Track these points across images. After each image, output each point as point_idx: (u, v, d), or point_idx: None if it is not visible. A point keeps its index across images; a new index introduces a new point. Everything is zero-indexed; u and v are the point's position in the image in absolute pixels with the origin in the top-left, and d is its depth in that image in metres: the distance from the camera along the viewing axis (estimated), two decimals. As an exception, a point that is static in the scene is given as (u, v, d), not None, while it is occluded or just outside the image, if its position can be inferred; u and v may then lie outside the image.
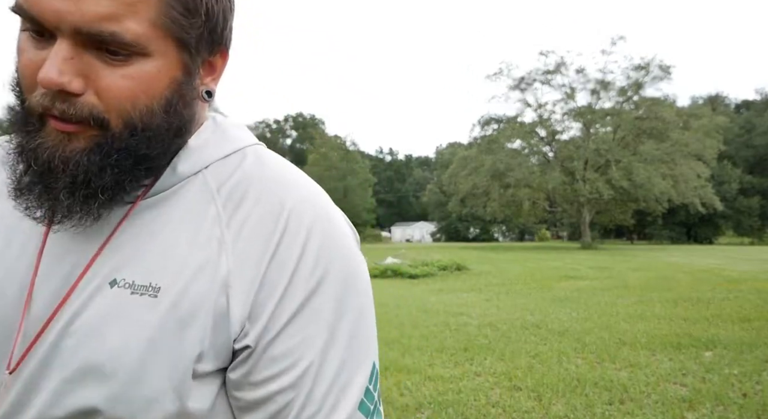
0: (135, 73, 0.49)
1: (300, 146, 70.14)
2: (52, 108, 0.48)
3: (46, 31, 0.48)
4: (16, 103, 0.51)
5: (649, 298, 8.19)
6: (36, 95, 0.48)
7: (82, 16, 0.45)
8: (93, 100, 0.49)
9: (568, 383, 4.00)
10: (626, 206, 32.20)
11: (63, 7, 0.45)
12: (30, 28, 0.49)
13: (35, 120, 0.50)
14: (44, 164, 0.49)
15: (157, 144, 0.52)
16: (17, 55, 0.51)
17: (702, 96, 56.17)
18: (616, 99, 31.79)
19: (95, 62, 0.48)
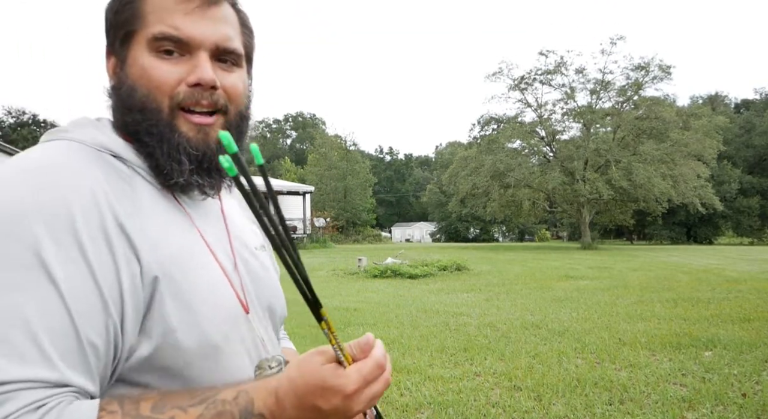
0: (238, 77, 0.72)
1: (300, 146, 70.13)
2: (200, 99, 0.67)
3: (182, 49, 0.67)
4: (147, 109, 0.66)
5: (649, 298, 8.19)
6: (177, 94, 0.66)
7: (220, 36, 0.69)
8: (222, 94, 0.70)
9: (568, 383, 4.00)
10: (626, 206, 32.17)
11: (208, 31, 0.68)
12: (162, 49, 0.66)
13: (170, 119, 0.67)
14: (201, 150, 0.68)
15: (246, 125, 0.75)
16: (143, 72, 0.66)
17: (702, 96, 56.20)
18: (616, 99, 31.78)
19: (216, 69, 0.69)
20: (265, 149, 69.79)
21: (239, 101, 0.72)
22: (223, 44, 0.69)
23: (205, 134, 0.68)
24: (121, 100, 0.68)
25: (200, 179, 0.69)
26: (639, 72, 30.75)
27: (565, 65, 31.98)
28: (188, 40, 0.66)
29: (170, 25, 0.66)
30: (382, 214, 73.34)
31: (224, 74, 0.70)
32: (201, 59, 0.67)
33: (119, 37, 0.69)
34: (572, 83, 32.18)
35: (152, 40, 0.66)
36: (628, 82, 31.09)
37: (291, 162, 55.39)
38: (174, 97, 0.66)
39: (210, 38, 0.68)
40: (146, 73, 0.66)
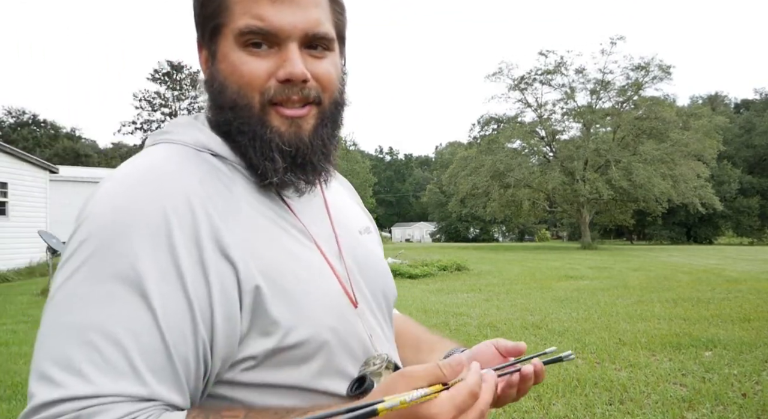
0: (331, 62, 0.68)
1: (300, 146, 70.07)
2: (291, 95, 0.65)
3: (270, 41, 0.64)
4: (239, 105, 0.65)
5: (649, 298, 8.19)
6: (268, 90, 0.64)
7: (308, 22, 0.64)
8: (314, 84, 0.66)
9: (568, 383, 4.00)
10: (626, 206, 32.17)
11: (296, 19, 0.64)
12: (250, 42, 0.64)
13: (262, 115, 0.65)
14: (294, 145, 0.66)
15: (342, 112, 0.72)
16: (234, 68, 0.65)
17: (702, 96, 56.21)
18: (616, 99, 31.77)
19: (307, 57, 0.66)
20: (265, 149, 69.62)
21: (332, 88, 0.68)
22: (312, 31, 0.65)
23: (297, 128, 0.66)
24: (213, 98, 0.68)
25: (294, 176, 0.67)
26: (639, 72, 30.74)
27: (565, 65, 31.98)
28: (276, 32, 0.63)
29: (256, 15, 0.63)
30: (382, 214, 73.29)
31: (315, 62, 0.66)
32: (290, 52, 0.64)
33: (208, 31, 0.67)
34: (572, 83, 32.18)
35: (239, 34, 0.64)
36: (628, 82, 31.08)
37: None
38: (265, 93, 0.64)
39: (298, 26, 0.64)
40: (236, 70, 0.65)
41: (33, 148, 39.83)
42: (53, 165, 17.63)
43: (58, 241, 10.39)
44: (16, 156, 15.22)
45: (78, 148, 44.82)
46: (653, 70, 30.49)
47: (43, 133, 47.00)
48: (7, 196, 14.59)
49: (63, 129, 49.35)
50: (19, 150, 15.88)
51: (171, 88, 46.40)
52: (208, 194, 0.62)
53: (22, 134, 43.94)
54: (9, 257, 13.81)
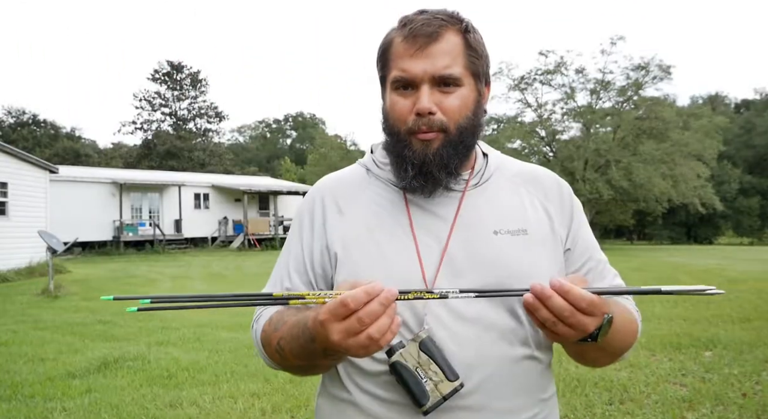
0: (458, 96, 0.88)
1: (300, 145, 70.06)
2: (420, 126, 0.86)
3: (410, 85, 0.87)
4: (393, 133, 0.91)
5: (649, 298, 8.18)
6: (408, 122, 0.87)
7: (436, 68, 0.86)
8: (441, 116, 0.87)
9: (568, 383, 4.00)
10: (626, 206, 32.15)
11: (426, 66, 0.86)
12: (398, 86, 0.88)
13: (405, 140, 0.88)
14: (421, 160, 0.87)
15: (471, 137, 0.91)
16: (390, 107, 0.90)
17: (702, 96, 56.13)
18: (616, 99, 31.74)
19: (437, 94, 0.87)
20: (265, 149, 69.78)
21: (457, 117, 0.88)
22: (439, 73, 0.86)
23: (426, 146, 0.87)
24: (384, 127, 0.94)
25: (416, 182, 0.89)
26: (639, 72, 30.69)
27: (565, 65, 31.91)
28: (412, 78, 0.87)
29: (401, 69, 0.88)
30: (382, 214, 72.90)
31: (443, 97, 0.87)
32: (422, 92, 0.86)
33: (380, 81, 0.95)
34: (572, 83, 32.11)
35: (392, 82, 0.89)
36: (628, 82, 31.04)
37: (291, 162, 55.35)
38: (406, 124, 0.88)
39: (428, 72, 0.86)
40: (392, 108, 0.90)
41: (33, 148, 39.77)
42: (53, 165, 17.63)
43: (58, 241, 10.38)
44: (16, 156, 15.22)
45: (78, 148, 44.72)
46: (653, 70, 30.44)
47: (43, 133, 46.92)
48: (7, 196, 14.59)
49: (63, 129, 49.29)
50: (19, 150, 15.89)
51: (171, 88, 46.34)
52: (340, 192, 0.98)
53: (22, 134, 43.85)
54: (9, 257, 13.80)
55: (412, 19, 0.89)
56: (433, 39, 0.86)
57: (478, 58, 0.90)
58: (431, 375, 0.80)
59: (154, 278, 12.88)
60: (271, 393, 4.04)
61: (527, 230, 0.92)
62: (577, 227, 0.98)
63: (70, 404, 3.88)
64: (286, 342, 0.84)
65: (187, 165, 42.22)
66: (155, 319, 7.24)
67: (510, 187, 0.97)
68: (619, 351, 0.92)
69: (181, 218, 25.48)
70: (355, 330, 0.68)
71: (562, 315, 0.71)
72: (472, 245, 0.90)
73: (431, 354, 0.80)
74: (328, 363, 0.86)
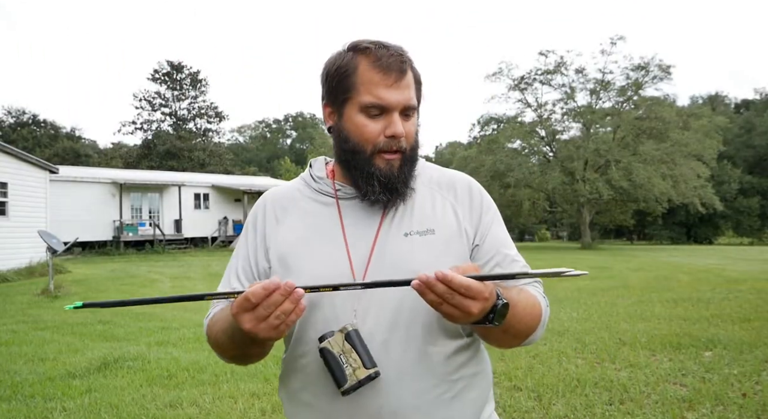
0: (413, 123, 1.04)
1: (300, 145, 70.05)
2: (391, 146, 1.01)
3: (382, 112, 1.00)
4: (358, 152, 1.02)
5: (649, 298, 8.19)
6: (378, 143, 1.00)
7: (405, 100, 1.00)
8: (404, 140, 1.01)
9: (568, 383, 4.00)
10: (626, 207, 32.17)
11: (399, 98, 0.99)
12: (371, 114, 1.00)
13: (371, 158, 1.01)
14: (387, 177, 1.01)
15: (418, 154, 1.07)
16: (358, 128, 1.01)
17: (702, 96, 56.12)
18: (616, 99, 31.74)
19: (402, 121, 1.01)
20: (265, 149, 69.74)
21: (411, 140, 1.04)
22: (407, 104, 1.01)
23: (391, 166, 1.02)
24: (337, 142, 1.05)
25: (384, 196, 1.02)
26: (639, 72, 30.72)
27: (565, 65, 31.94)
28: (388, 106, 0.99)
29: (376, 96, 0.99)
30: (382, 214, 72.77)
31: (405, 123, 1.02)
32: (395, 118, 1.00)
33: (339, 99, 1.03)
34: (572, 83, 32.15)
35: (363, 106, 1.00)
36: (628, 82, 31.05)
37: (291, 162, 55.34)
38: (376, 145, 1.01)
39: (401, 103, 1.00)
40: (359, 129, 1.01)
41: (33, 148, 39.74)
42: (53, 165, 17.63)
43: (58, 241, 10.38)
44: (16, 156, 15.22)
45: (78, 148, 44.68)
46: (653, 70, 30.47)
47: (43, 133, 46.88)
48: (7, 196, 14.59)
49: (63, 129, 49.25)
50: (19, 150, 15.89)
51: (171, 88, 46.32)
52: (278, 204, 1.12)
53: (22, 134, 43.81)
54: (9, 257, 13.80)
55: (378, 52, 1.01)
56: (404, 74, 1.01)
57: (420, 90, 1.08)
58: (351, 362, 0.92)
59: (154, 278, 12.88)
60: (271, 393, 4.04)
61: (434, 230, 1.05)
62: (487, 225, 1.10)
63: (70, 404, 3.88)
64: (221, 335, 0.99)
65: (187, 165, 42.21)
66: (155, 319, 7.24)
67: (426, 192, 1.11)
68: (522, 333, 1.00)
69: (181, 218, 25.49)
70: (262, 316, 0.82)
71: (444, 297, 0.81)
72: (388, 247, 1.03)
73: (353, 344, 0.93)
74: (257, 350, 1.00)
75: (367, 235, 1.04)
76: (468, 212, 1.09)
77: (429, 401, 1.00)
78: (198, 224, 26.28)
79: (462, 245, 1.06)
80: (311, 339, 0.99)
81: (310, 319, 1.01)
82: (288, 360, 1.09)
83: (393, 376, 0.98)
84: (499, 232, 1.11)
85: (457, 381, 1.03)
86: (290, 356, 1.07)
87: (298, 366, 1.05)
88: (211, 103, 47.93)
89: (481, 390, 1.08)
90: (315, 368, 1.01)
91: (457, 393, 1.03)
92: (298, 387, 1.06)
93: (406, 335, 0.99)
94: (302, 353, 1.04)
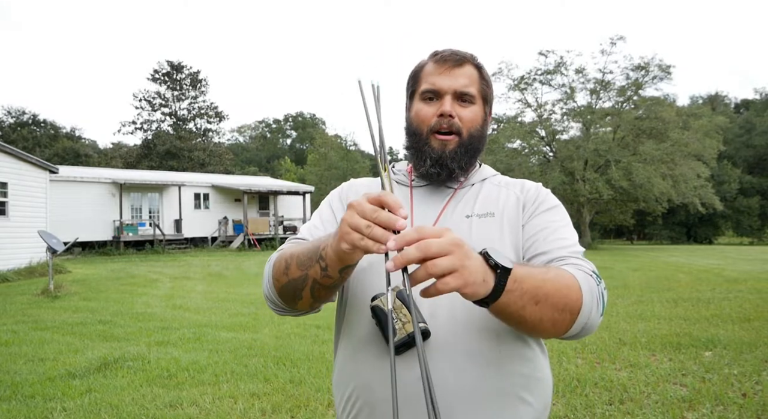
0: (472, 111, 1.11)
1: (300, 145, 70.04)
2: (442, 124, 1.09)
3: (436, 96, 1.10)
4: (416, 134, 1.12)
5: (649, 298, 8.19)
6: (431, 123, 1.10)
7: (458, 85, 1.10)
8: (458, 122, 1.09)
9: (568, 383, 4.00)
10: (626, 206, 32.13)
11: (450, 83, 1.09)
12: (426, 97, 1.11)
13: (427, 138, 1.11)
14: (438, 155, 1.10)
15: (479, 145, 1.14)
16: (416, 113, 1.13)
17: (702, 96, 56.10)
18: (616, 99, 31.73)
19: (456, 106, 1.10)
20: (265, 149, 69.72)
21: (470, 126, 1.11)
22: (460, 89, 1.09)
23: (444, 146, 1.09)
24: (407, 129, 1.16)
25: (433, 169, 1.10)
26: (639, 72, 30.69)
27: (565, 65, 31.92)
28: (439, 90, 1.10)
29: (430, 83, 1.10)
30: (382, 214, 72.77)
31: (461, 109, 1.10)
32: (445, 100, 1.09)
33: (408, 93, 1.17)
34: (572, 83, 32.11)
35: (421, 93, 1.12)
36: (627, 82, 31.03)
37: (291, 162, 55.32)
38: (430, 126, 1.10)
39: (452, 87, 1.09)
40: (417, 114, 1.12)
41: (33, 148, 39.73)
42: (53, 165, 17.62)
43: (58, 241, 10.37)
44: (16, 156, 15.21)
45: (78, 148, 44.68)
46: (653, 70, 30.44)
47: (43, 133, 46.87)
48: (7, 196, 14.59)
49: (63, 129, 49.22)
50: (19, 150, 15.88)
51: (171, 88, 46.31)
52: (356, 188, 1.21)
53: (22, 133, 43.79)
54: (9, 257, 13.80)
55: (442, 51, 1.13)
56: (458, 64, 1.11)
57: (487, 88, 1.15)
58: (401, 317, 0.94)
59: (154, 278, 12.88)
60: (271, 393, 4.04)
61: (494, 214, 1.11)
62: (540, 211, 1.11)
63: (70, 404, 3.88)
64: (298, 254, 0.97)
65: (187, 165, 42.21)
66: (155, 319, 7.24)
67: (494, 188, 1.17)
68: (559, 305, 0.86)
69: (181, 218, 25.48)
70: (368, 215, 0.77)
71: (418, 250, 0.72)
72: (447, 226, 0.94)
73: (404, 301, 0.95)
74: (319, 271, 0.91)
75: (431, 216, 1.10)
76: (531, 204, 1.12)
77: (470, 383, 0.96)
78: (198, 224, 26.27)
79: (517, 225, 1.09)
80: (364, 302, 1.01)
81: (364, 283, 1.05)
82: (342, 326, 1.11)
83: (437, 346, 0.96)
84: (552, 218, 1.09)
85: (508, 374, 0.99)
86: (345, 324, 1.09)
87: (351, 331, 1.07)
88: (211, 104, 47.92)
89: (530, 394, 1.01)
90: (366, 331, 1.03)
91: (503, 386, 0.98)
92: (350, 353, 1.06)
93: (457, 307, 0.98)
94: (355, 315, 1.06)
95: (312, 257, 0.92)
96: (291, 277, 0.97)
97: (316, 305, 1.02)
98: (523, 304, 0.82)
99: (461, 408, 0.96)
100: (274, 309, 1.08)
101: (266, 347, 5.43)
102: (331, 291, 0.97)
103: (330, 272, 0.89)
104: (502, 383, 0.98)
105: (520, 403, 0.99)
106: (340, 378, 1.08)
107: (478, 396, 0.97)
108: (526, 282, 0.82)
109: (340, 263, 0.86)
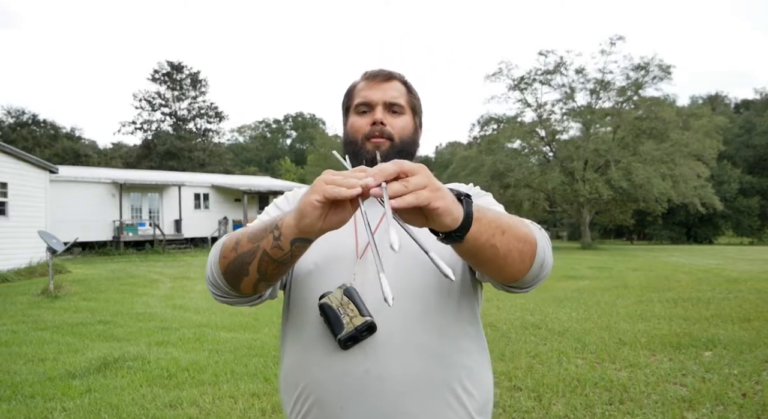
0: (402, 120, 1.21)
1: (300, 146, 70.06)
2: (374, 131, 1.17)
3: (369, 108, 1.20)
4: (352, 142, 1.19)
5: (649, 298, 8.19)
6: (365, 131, 1.17)
7: (388, 97, 1.20)
8: (389, 129, 1.18)
9: (568, 383, 4.00)
10: (626, 207, 32.12)
11: (382, 95, 1.20)
12: (360, 111, 1.21)
13: (361, 144, 1.18)
14: (372, 156, 1.15)
15: (411, 150, 1.22)
16: (351, 125, 1.21)
17: (702, 96, 56.10)
18: (616, 99, 31.72)
19: (387, 115, 1.19)
20: (265, 149, 69.72)
21: (401, 133, 1.20)
22: (389, 100, 1.19)
23: (377, 147, 1.16)
24: (344, 141, 1.24)
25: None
26: (639, 72, 30.69)
27: (565, 65, 31.91)
28: (370, 102, 1.20)
29: (362, 96, 1.21)
30: (382, 214, 72.74)
31: (392, 118, 1.19)
32: (377, 110, 1.19)
33: (344, 110, 1.27)
34: (572, 83, 32.11)
35: (355, 107, 1.22)
36: (627, 82, 31.03)
37: (291, 162, 55.34)
38: (364, 134, 1.18)
39: (382, 98, 1.19)
40: (353, 125, 1.21)
41: (33, 148, 39.69)
42: (53, 165, 17.62)
43: (58, 241, 10.37)
44: (16, 156, 15.21)
45: (78, 148, 44.64)
46: (653, 70, 30.43)
47: (43, 133, 46.81)
48: (7, 196, 14.59)
49: (63, 129, 49.15)
50: (19, 150, 15.88)
51: (171, 88, 46.32)
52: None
53: (22, 134, 43.75)
54: (9, 257, 13.80)
55: (372, 70, 1.24)
56: (386, 79, 1.22)
57: (416, 100, 1.26)
58: (348, 312, 0.98)
59: (154, 278, 12.88)
60: (271, 393, 4.03)
61: None
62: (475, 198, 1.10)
63: (70, 404, 3.88)
64: (251, 231, 0.96)
65: (187, 165, 42.20)
66: (155, 319, 7.24)
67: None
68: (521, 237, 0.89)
69: (181, 218, 25.47)
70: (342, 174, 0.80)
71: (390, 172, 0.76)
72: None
73: (351, 297, 0.99)
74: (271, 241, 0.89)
75: (377, 213, 1.12)
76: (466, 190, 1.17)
77: (416, 375, 1.00)
78: (198, 224, 26.26)
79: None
80: (311, 303, 1.05)
81: (310, 285, 1.07)
82: (287, 329, 1.13)
83: (383, 340, 1.00)
84: (487, 201, 1.17)
85: (451, 365, 1.04)
86: (291, 327, 1.12)
87: (299, 333, 1.09)
88: (211, 104, 47.94)
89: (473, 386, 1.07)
90: (314, 332, 1.05)
91: (447, 378, 1.03)
92: (298, 354, 1.08)
93: (401, 302, 1.01)
94: (302, 317, 1.08)
95: (266, 229, 0.91)
96: (240, 251, 0.94)
97: (261, 288, 0.98)
98: (492, 232, 0.85)
99: (408, 399, 1.00)
100: (215, 294, 1.04)
101: (266, 347, 5.43)
102: (278, 270, 0.93)
103: (282, 242, 0.88)
104: (446, 374, 1.03)
105: (464, 393, 1.05)
106: (289, 380, 1.10)
107: (423, 387, 1.01)
108: (488, 213, 0.86)
109: (296, 231, 0.84)
